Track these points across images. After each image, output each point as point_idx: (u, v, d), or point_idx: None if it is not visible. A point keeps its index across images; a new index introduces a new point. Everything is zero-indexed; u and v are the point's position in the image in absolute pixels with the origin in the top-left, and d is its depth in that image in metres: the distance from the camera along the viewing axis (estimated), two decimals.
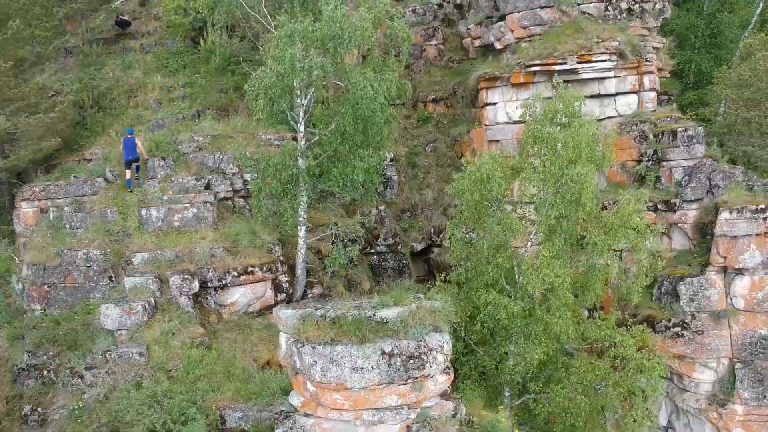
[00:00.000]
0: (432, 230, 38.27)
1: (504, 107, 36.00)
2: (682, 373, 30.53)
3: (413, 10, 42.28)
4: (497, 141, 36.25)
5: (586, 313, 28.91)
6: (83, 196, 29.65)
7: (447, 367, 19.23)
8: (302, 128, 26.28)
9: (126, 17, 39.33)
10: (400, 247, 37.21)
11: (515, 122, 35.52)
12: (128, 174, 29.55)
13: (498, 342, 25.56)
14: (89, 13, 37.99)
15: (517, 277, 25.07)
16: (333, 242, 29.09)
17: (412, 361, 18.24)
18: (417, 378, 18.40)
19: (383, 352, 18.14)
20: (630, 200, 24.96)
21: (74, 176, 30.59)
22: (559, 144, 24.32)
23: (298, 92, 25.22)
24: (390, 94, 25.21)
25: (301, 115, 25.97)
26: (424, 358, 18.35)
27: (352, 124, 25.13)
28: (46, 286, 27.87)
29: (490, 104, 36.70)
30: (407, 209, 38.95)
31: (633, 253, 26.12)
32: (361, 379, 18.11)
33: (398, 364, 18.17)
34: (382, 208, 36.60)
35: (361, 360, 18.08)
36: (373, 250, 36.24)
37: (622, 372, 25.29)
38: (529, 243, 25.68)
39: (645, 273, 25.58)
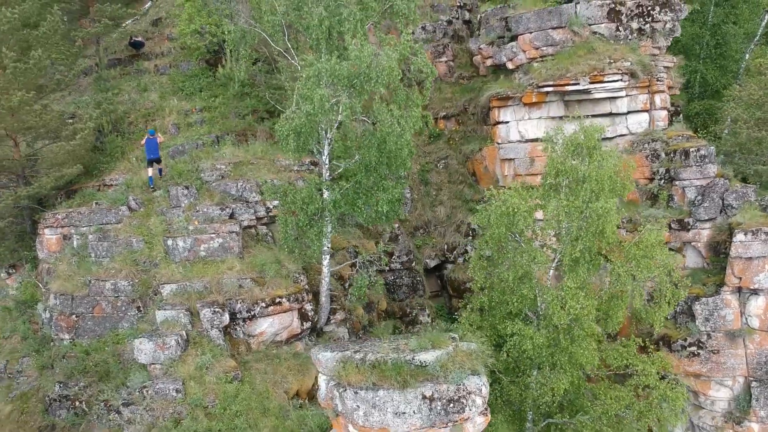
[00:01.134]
0: (445, 247, 38.71)
1: (516, 126, 36.51)
2: (698, 391, 31.12)
3: (423, 27, 42.63)
4: (510, 159, 36.73)
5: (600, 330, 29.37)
6: (107, 224, 29.95)
7: (485, 408, 19.71)
8: (327, 160, 26.74)
9: (139, 38, 39.55)
10: (414, 264, 37.66)
11: (527, 140, 36.12)
12: (150, 172, 30.74)
13: (523, 371, 26.05)
14: (103, 37, 38.09)
15: (539, 305, 25.54)
16: (357, 269, 29.49)
17: (452, 405, 18.73)
18: (457, 421, 18.89)
19: (424, 397, 18.61)
20: (651, 230, 25.40)
21: (96, 203, 30.88)
22: (581, 174, 24.70)
23: (323, 125, 25.61)
24: (415, 128, 25.67)
25: (326, 148, 26.42)
26: (464, 401, 18.84)
27: (377, 157, 25.58)
28: (74, 316, 28.24)
29: (502, 122, 37.24)
30: (420, 226, 39.39)
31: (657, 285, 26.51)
32: (403, 424, 18.57)
33: (439, 408, 18.66)
34: (396, 225, 36.98)
35: (403, 405, 18.55)
36: (387, 268, 36.66)
37: (646, 401, 25.80)
38: (551, 272, 26.13)
39: (668, 302, 26.04)
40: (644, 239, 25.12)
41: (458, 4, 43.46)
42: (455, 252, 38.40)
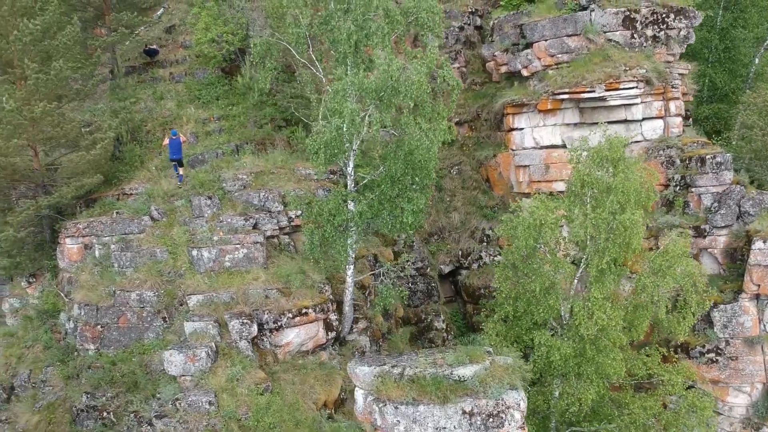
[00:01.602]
0: (460, 253, 38.93)
1: (531, 132, 36.69)
2: (716, 397, 31.31)
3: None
4: (525, 166, 36.93)
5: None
6: (129, 234, 30.02)
7: (523, 423, 19.92)
8: (352, 172, 26.92)
9: (154, 46, 39.59)
10: (428, 270, 37.87)
11: (542, 147, 36.29)
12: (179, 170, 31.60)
13: (549, 381, 26.28)
14: (118, 45, 38.08)
15: (563, 314, 25.78)
16: (381, 279, 29.70)
17: (491, 420, 18.98)
18: None
19: (464, 412, 18.86)
20: (676, 241, 25.65)
21: (116, 212, 30.96)
22: (606, 185, 24.90)
23: (347, 137, 25.74)
24: (442, 140, 25.88)
25: (351, 158, 26.59)
26: (503, 416, 19.09)
27: (403, 168, 25.74)
28: (99, 327, 28.35)
29: (516, 129, 37.40)
30: (435, 232, 39.60)
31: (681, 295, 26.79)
32: None
33: (479, 423, 18.90)
34: (410, 232, 37.10)
35: (444, 420, 18.79)
36: (402, 274, 36.85)
37: (673, 411, 26.07)
38: (575, 282, 26.32)
39: (693, 312, 26.32)
40: (669, 249, 25.36)
41: (470, 10, 43.51)
42: (470, 258, 38.68)
